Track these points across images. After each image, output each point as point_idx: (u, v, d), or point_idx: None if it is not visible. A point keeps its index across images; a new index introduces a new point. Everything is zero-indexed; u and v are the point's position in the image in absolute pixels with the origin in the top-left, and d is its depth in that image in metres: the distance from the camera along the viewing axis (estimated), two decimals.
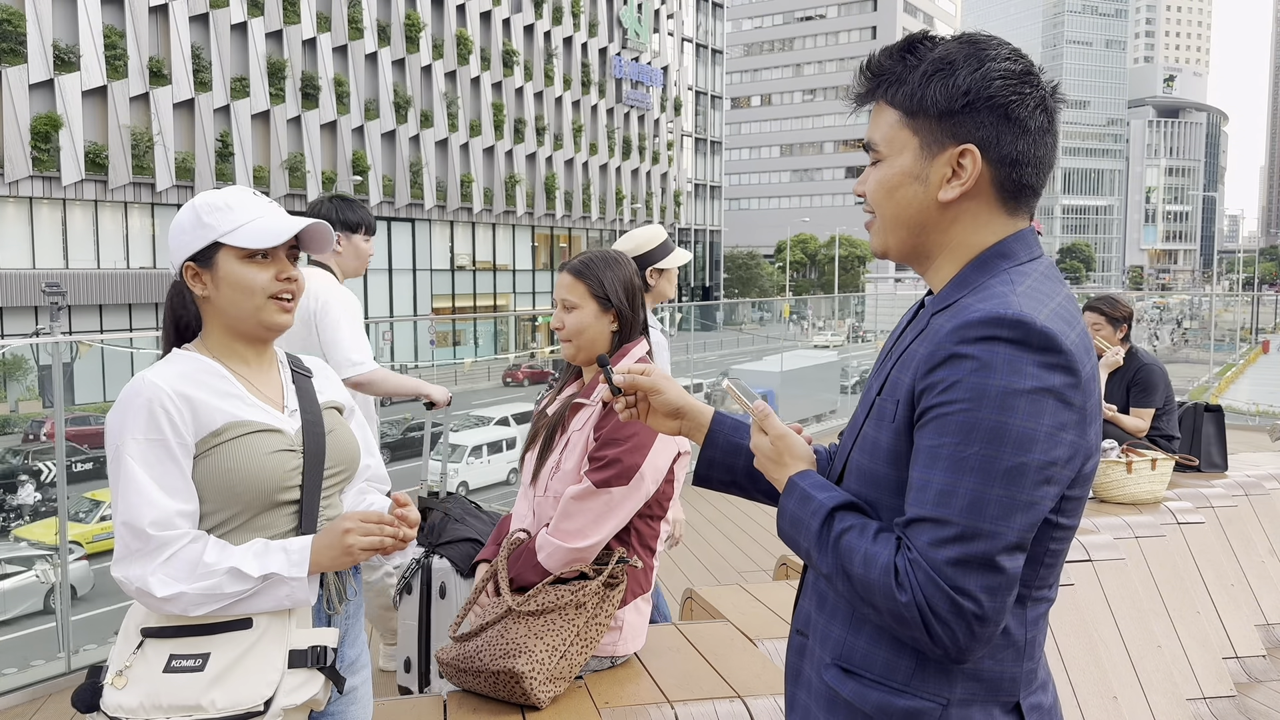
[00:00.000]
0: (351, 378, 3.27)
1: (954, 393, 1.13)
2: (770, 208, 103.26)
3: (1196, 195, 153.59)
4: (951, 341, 1.15)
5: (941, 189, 1.24)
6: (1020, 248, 1.26)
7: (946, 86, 1.22)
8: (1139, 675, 3.47)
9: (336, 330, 3.28)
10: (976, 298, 1.19)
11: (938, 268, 1.30)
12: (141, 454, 1.58)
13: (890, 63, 1.27)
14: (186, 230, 1.70)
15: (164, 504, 1.57)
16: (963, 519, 1.11)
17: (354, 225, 3.47)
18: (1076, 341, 1.16)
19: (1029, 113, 1.22)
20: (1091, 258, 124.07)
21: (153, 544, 1.55)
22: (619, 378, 1.49)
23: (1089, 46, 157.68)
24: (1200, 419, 4.90)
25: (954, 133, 1.23)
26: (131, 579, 1.56)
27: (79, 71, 30.81)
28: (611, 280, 2.39)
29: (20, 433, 26.83)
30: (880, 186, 1.29)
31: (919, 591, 1.12)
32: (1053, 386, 1.12)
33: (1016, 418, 1.10)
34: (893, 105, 1.27)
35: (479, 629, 2.24)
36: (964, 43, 1.24)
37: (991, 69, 1.21)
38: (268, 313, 1.70)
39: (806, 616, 1.38)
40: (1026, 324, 1.12)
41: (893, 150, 1.27)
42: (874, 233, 1.33)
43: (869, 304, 30.55)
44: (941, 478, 1.13)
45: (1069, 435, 1.13)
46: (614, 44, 52.11)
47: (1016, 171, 1.24)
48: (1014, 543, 1.12)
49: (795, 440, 1.38)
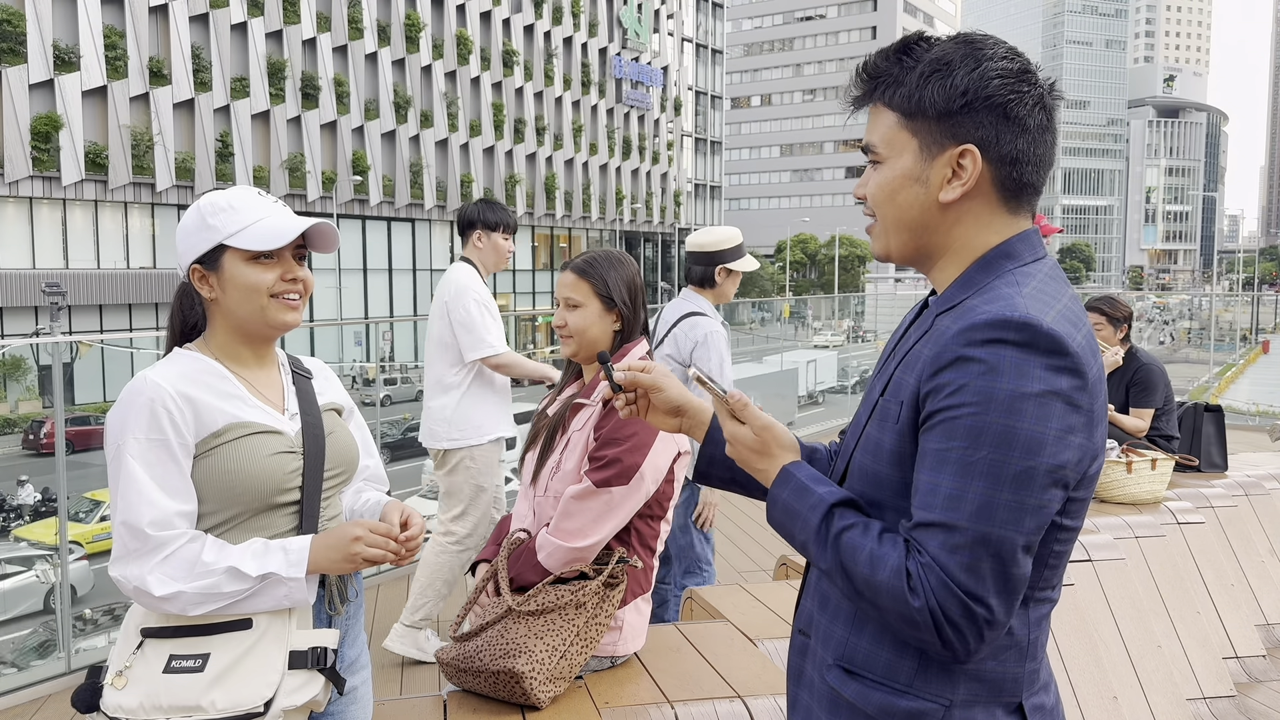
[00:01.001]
0: (486, 358, 3.74)
1: (961, 396, 1.13)
2: (770, 208, 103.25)
3: (1196, 195, 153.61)
4: (958, 344, 1.15)
5: (942, 190, 1.24)
6: (1024, 248, 1.25)
7: (944, 87, 1.21)
8: (1139, 675, 3.47)
9: (468, 315, 3.72)
10: (982, 299, 1.19)
11: (941, 268, 1.29)
12: (142, 453, 1.57)
13: (887, 65, 1.27)
14: (192, 233, 1.69)
15: (163, 504, 1.57)
16: (973, 524, 1.11)
17: (493, 224, 3.90)
18: (1083, 343, 1.15)
19: (1028, 111, 1.22)
20: (1091, 258, 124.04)
21: (151, 543, 1.55)
22: (620, 375, 1.49)
23: (1089, 46, 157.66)
24: (1200, 419, 4.90)
25: (953, 133, 1.22)
26: (129, 578, 1.55)
27: (79, 71, 30.81)
28: (615, 280, 2.39)
29: (20, 433, 26.85)
30: (881, 189, 1.29)
31: (932, 597, 1.12)
32: (1060, 389, 1.11)
33: (1025, 421, 1.10)
34: (891, 107, 1.26)
35: (479, 629, 2.24)
36: (960, 43, 1.24)
37: (989, 68, 1.21)
38: (273, 311, 1.69)
39: (809, 617, 1.38)
40: (1033, 326, 1.12)
41: (892, 152, 1.27)
42: (875, 236, 1.33)
43: (869, 304, 30.56)
44: (950, 481, 1.13)
45: (1077, 438, 1.13)
46: (614, 44, 52.10)
47: (1017, 170, 1.24)
48: (1024, 546, 1.12)
49: (781, 430, 1.37)
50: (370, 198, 39.96)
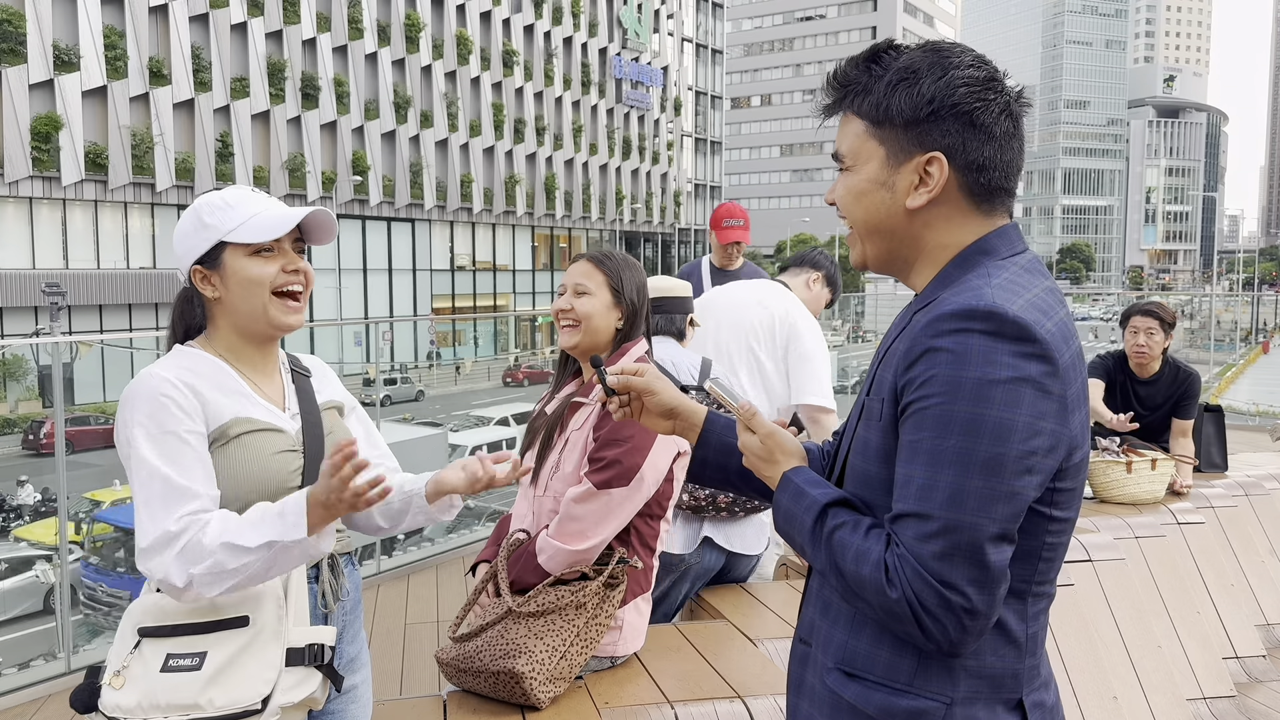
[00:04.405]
0: (817, 407, 3.37)
1: (930, 386, 1.14)
2: (770, 208, 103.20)
3: (1196, 195, 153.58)
4: (926, 336, 1.16)
5: (909, 196, 1.26)
6: (1002, 243, 1.27)
7: (911, 95, 1.23)
8: (1139, 675, 3.47)
9: (812, 360, 3.38)
10: (952, 292, 1.20)
11: (918, 271, 1.31)
12: (154, 447, 1.57)
13: (856, 73, 1.29)
14: (190, 234, 1.69)
15: (186, 493, 1.56)
16: (944, 512, 1.12)
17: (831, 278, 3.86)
18: (1053, 330, 1.16)
19: (994, 119, 1.23)
20: (1091, 258, 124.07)
21: (170, 535, 1.54)
22: (613, 378, 1.51)
23: (1089, 46, 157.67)
24: (1200, 419, 4.89)
25: (920, 141, 1.24)
26: (153, 572, 1.55)
27: (79, 71, 30.80)
28: (629, 277, 2.41)
29: (20, 433, 26.83)
30: (848, 194, 1.31)
31: (908, 587, 1.13)
32: (1029, 375, 1.12)
33: (992, 408, 1.11)
34: (859, 115, 1.28)
35: (479, 629, 2.24)
36: (928, 51, 1.25)
37: (955, 76, 1.22)
38: (275, 310, 1.69)
39: (810, 624, 1.38)
40: (999, 314, 1.13)
41: (859, 160, 1.29)
42: (851, 244, 1.36)
43: (869, 304, 30.52)
44: (922, 472, 1.14)
45: (1048, 424, 1.13)
46: (614, 44, 52.10)
47: (984, 176, 1.25)
48: (997, 533, 1.12)
49: (784, 436, 1.39)
50: (370, 198, 39.96)
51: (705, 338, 3.44)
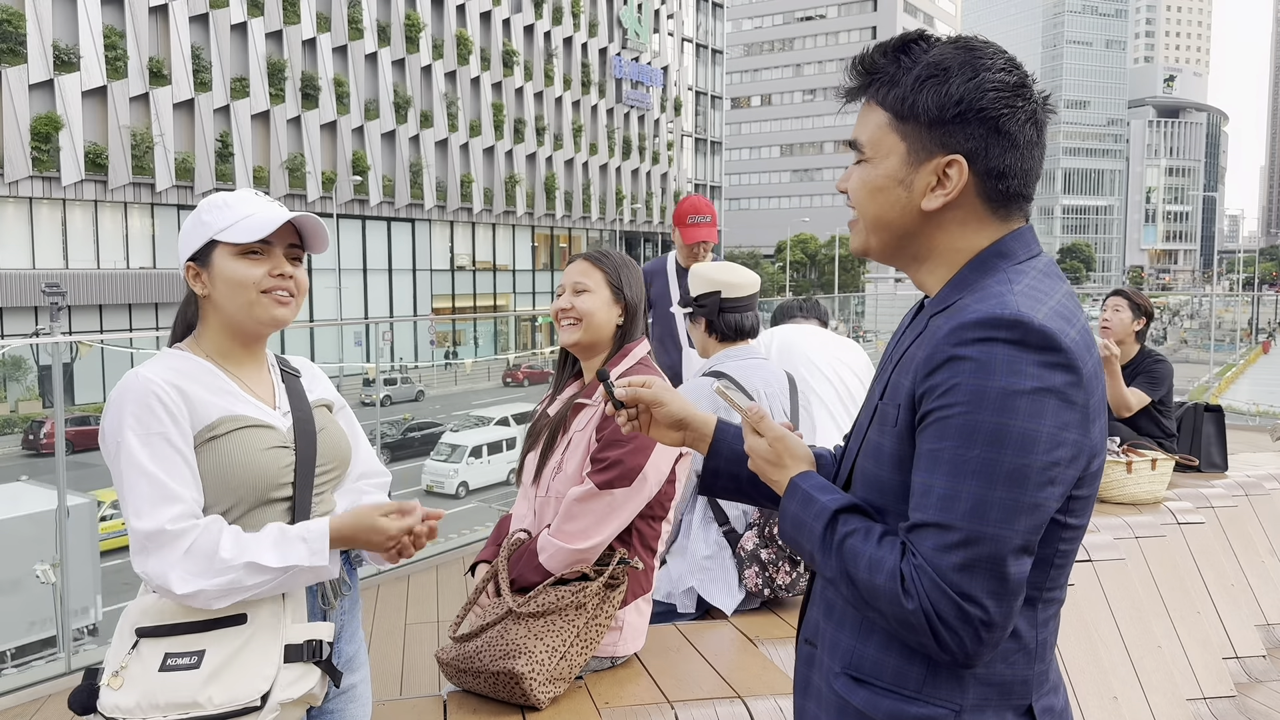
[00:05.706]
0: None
1: (953, 395, 1.12)
2: (770, 208, 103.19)
3: (1196, 195, 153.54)
4: (949, 344, 1.14)
5: (925, 197, 1.23)
6: (1019, 246, 1.24)
7: (939, 94, 1.20)
8: (1139, 675, 3.47)
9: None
10: (974, 298, 1.18)
11: (930, 270, 1.28)
12: (142, 448, 1.57)
13: (884, 61, 1.25)
14: (189, 231, 1.72)
15: (172, 495, 1.56)
16: (966, 523, 1.10)
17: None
18: (1077, 339, 1.14)
19: (1019, 126, 1.20)
20: (1091, 258, 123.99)
21: (166, 538, 1.54)
22: (620, 391, 1.49)
23: (1089, 46, 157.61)
24: (1200, 419, 4.89)
25: (943, 142, 1.21)
26: (151, 575, 1.55)
27: (79, 72, 30.80)
28: (628, 276, 2.41)
29: (20, 433, 26.85)
30: (863, 187, 1.28)
31: (925, 598, 1.11)
32: (1054, 386, 1.10)
33: (1017, 419, 1.09)
34: (883, 106, 1.25)
35: (479, 629, 2.24)
36: (960, 48, 1.22)
37: (986, 79, 1.19)
38: (261, 307, 1.69)
39: (815, 625, 1.37)
40: (1025, 323, 1.11)
41: (878, 153, 1.26)
42: (855, 232, 1.33)
43: (869, 304, 30.53)
44: (943, 482, 1.12)
45: (1072, 434, 1.12)
46: (614, 44, 52.09)
47: (1003, 183, 1.22)
48: (1019, 546, 1.11)
49: (793, 440, 1.37)
50: (370, 198, 39.95)
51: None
